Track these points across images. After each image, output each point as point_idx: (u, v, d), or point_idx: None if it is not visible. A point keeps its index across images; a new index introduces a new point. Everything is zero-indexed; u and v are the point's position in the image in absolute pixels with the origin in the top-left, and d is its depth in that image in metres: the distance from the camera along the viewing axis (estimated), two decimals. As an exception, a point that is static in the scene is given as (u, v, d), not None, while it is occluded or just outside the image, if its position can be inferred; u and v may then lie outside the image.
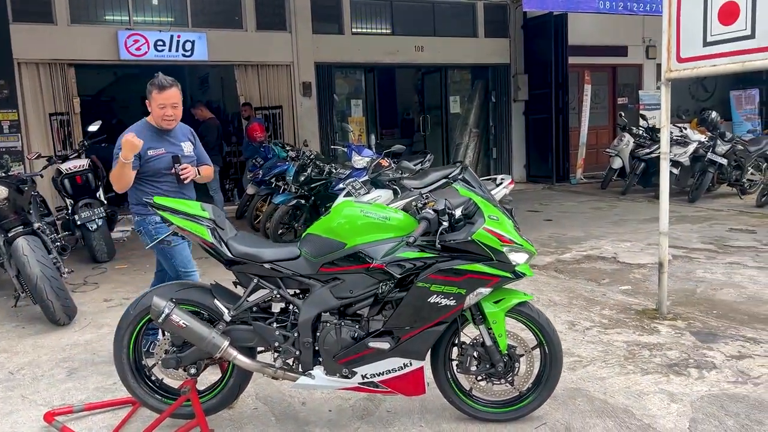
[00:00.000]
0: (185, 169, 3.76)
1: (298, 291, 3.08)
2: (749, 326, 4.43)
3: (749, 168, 10.40)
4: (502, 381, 3.11)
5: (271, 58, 11.31)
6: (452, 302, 2.87)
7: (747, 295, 5.18)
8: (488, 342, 3.04)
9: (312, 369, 3.02)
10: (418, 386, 3.06)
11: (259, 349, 3.15)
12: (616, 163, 11.79)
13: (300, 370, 3.05)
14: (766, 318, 4.60)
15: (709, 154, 10.10)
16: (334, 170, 7.10)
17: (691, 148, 10.34)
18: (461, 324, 3.08)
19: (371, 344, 2.91)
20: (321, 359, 3.01)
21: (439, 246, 2.82)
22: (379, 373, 3.00)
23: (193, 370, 3.04)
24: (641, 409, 3.29)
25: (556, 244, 7.48)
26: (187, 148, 3.91)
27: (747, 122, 14.87)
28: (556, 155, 13.07)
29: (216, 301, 3.01)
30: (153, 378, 3.25)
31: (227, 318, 2.98)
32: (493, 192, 5.76)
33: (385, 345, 2.91)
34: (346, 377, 3.01)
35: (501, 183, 5.92)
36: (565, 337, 4.08)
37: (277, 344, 3.01)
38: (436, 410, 3.31)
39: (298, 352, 3.00)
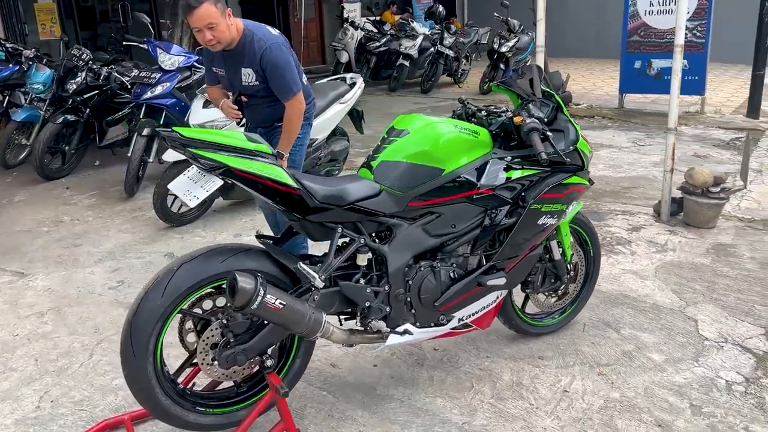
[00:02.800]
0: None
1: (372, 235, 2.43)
2: (607, 201, 5.07)
3: (462, 59, 11.54)
4: (560, 292, 3.02)
5: None
6: (554, 221, 2.62)
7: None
8: (557, 256, 2.89)
9: (400, 323, 2.48)
10: (491, 317, 2.78)
11: None
12: (344, 57, 11.87)
13: (388, 328, 2.47)
14: (606, 191, 5.33)
15: (438, 46, 10.85)
16: (121, 74, 5.59)
17: (419, 41, 10.95)
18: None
19: (489, 282, 2.49)
20: (413, 311, 2.48)
21: (548, 160, 2.47)
22: (475, 312, 2.62)
23: (270, 362, 2.21)
24: (632, 291, 3.56)
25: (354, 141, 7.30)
26: (247, 77, 3.14)
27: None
28: (279, 49, 12.53)
29: (301, 265, 2.19)
30: (179, 387, 2.29)
31: (319, 284, 2.20)
32: (349, 95, 5.23)
33: (501, 280, 2.53)
34: (441, 324, 2.56)
35: (354, 83, 5.36)
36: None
37: (368, 304, 2.36)
38: (481, 339, 3.08)
39: (388, 309, 2.42)
